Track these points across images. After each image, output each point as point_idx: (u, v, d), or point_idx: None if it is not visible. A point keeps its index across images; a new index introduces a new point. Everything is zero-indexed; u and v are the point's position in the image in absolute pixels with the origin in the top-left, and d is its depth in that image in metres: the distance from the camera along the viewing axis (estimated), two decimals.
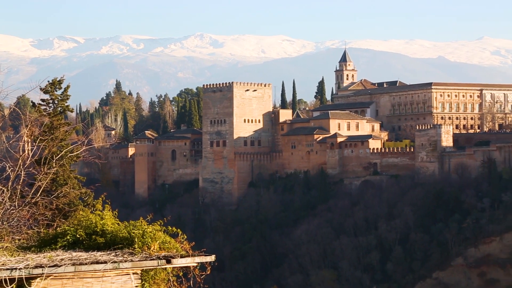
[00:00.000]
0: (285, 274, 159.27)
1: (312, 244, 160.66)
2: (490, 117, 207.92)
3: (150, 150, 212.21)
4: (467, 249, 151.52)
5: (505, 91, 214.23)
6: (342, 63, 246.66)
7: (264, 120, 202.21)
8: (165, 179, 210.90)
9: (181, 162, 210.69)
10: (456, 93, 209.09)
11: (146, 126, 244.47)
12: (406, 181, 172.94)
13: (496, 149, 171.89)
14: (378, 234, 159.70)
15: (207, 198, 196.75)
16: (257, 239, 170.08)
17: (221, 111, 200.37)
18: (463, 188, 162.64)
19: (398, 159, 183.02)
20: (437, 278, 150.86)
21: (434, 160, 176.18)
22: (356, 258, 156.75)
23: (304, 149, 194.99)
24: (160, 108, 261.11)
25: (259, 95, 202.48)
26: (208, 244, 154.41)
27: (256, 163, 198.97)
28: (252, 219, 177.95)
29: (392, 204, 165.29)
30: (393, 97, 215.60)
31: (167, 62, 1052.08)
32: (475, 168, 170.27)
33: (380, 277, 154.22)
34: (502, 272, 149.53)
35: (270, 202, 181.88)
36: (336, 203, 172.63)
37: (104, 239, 17.86)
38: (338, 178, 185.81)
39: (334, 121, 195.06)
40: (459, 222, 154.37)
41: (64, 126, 35.37)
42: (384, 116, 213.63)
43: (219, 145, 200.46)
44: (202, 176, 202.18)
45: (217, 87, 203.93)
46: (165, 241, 17.99)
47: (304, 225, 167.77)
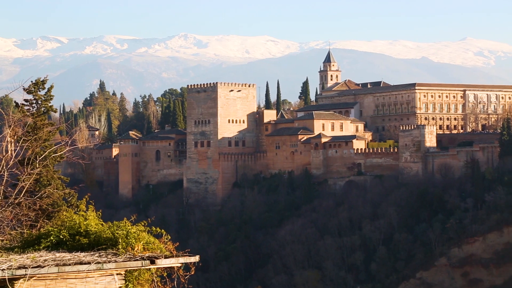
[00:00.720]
0: (269, 274, 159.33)
1: (296, 244, 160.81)
2: (473, 118, 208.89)
3: (134, 150, 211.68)
4: (450, 249, 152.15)
5: (488, 91, 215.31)
6: (326, 64, 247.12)
7: (249, 120, 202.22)
8: (149, 180, 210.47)
9: (165, 162, 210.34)
10: (440, 93, 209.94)
11: (130, 126, 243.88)
12: (390, 182, 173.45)
13: (479, 149, 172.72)
14: (362, 234, 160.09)
15: (191, 198, 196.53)
16: (241, 239, 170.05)
17: (206, 112, 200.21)
18: (447, 188, 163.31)
19: (382, 160, 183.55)
20: (420, 278, 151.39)
21: (417, 160, 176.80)
22: (340, 258, 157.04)
23: (288, 149, 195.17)
24: (144, 108, 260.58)
25: (243, 95, 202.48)
26: (192, 245, 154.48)
27: (240, 163, 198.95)
28: (236, 219, 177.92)
29: (376, 204, 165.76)
30: (377, 97, 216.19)
31: (151, 62, 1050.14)
32: (458, 168, 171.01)
33: (364, 277, 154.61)
34: (485, 272, 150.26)
35: (255, 203, 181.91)
36: (320, 203, 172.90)
37: (88, 239, 17.80)
38: (322, 179, 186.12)
39: (318, 122, 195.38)
40: (442, 222, 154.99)
41: (48, 126, 35.23)
42: (368, 116, 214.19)
43: (204, 146, 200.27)
44: (187, 177, 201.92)
45: (201, 87, 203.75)
46: (149, 242, 17.95)
47: (288, 225, 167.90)
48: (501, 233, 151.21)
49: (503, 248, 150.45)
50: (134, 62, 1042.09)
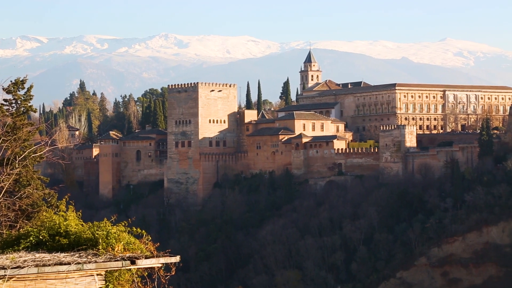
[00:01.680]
0: (250, 274, 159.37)
1: (277, 245, 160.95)
2: (453, 118, 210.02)
3: (115, 150, 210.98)
4: (430, 249, 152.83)
5: (467, 92, 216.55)
6: (307, 64, 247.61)
7: (229, 120, 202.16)
8: (129, 180, 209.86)
9: (146, 162, 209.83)
10: (420, 94, 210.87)
11: (111, 126, 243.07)
12: (371, 182, 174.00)
13: (458, 149, 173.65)
14: (342, 234, 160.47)
15: (172, 198, 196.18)
16: (222, 239, 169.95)
17: (186, 112, 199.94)
18: (427, 188, 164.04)
19: (363, 160, 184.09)
20: (400, 277, 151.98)
21: (398, 160, 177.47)
22: (320, 258, 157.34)
23: (269, 149, 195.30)
24: (125, 108, 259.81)
25: (224, 95, 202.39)
26: (173, 245, 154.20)
27: (221, 163, 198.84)
28: (217, 219, 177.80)
29: (356, 204, 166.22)
30: (358, 97, 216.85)
31: (132, 62, 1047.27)
32: (438, 168, 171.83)
33: (344, 277, 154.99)
34: (464, 271, 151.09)
35: (235, 203, 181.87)
36: (301, 203, 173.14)
37: (68, 240, 17.73)
38: (303, 179, 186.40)
39: (299, 122, 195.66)
40: (422, 222, 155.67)
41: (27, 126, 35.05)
42: (349, 116, 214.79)
43: (184, 146, 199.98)
44: (167, 177, 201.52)
45: (182, 87, 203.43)
46: (130, 242, 17.91)
47: (269, 225, 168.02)
48: (480, 233, 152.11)
49: (482, 248, 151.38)
50: (114, 62, 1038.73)
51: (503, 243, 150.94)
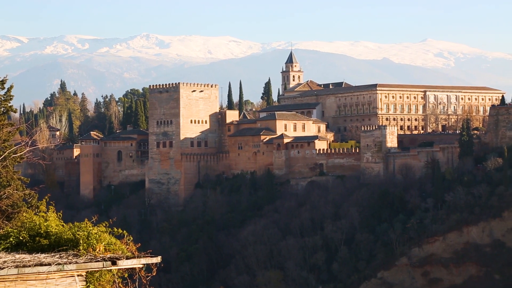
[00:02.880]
0: (231, 274, 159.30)
1: (258, 245, 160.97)
2: (433, 118, 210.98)
3: (96, 151, 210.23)
4: (411, 249, 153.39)
5: (448, 92, 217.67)
6: (288, 64, 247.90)
7: (211, 121, 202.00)
8: (110, 180, 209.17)
9: (127, 163, 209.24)
10: (401, 94, 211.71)
11: (92, 126, 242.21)
12: (352, 182, 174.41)
13: (439, 150, 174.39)
14: (324, 234, 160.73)
15: (154, 199, 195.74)
16: (203, 240, 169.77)
17: (168, 112, 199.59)
18: (407, 188, 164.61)
19: (344, 160, 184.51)
20: (381, 277, 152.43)
21: (379, 160, 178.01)
22: (302, 259, 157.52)
23: (250, 150, 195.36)
24: (106, 108, 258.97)
25: (205, 96, 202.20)
26: (154, 246, 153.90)
27: (202, 164, 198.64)
28: (198, 220, 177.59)
29: (338, 204, 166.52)
30: (339, 98, 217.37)
31: (113, 62, 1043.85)
32: (419, 168, 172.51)
33: (326, 277, 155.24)
34: (445, 271, 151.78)
35: (217, 203, 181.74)
36: (282, 203, 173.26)
37: (48, 241, 17.66)
38: (284, 179, 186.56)
39: (281, 122, 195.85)
40: (403, 222, 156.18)
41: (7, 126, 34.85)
42: (330, 117, 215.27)
43: (166, 146, 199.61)
44: (148, 177, 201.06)
45: (163, 87, 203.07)
46: (111, 243, 17.87)
47: (250, 225, 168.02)
48: (460, 232, 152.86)
49: (462, 247, 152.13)
50: (95, 62, 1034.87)
51: (483, 243, 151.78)
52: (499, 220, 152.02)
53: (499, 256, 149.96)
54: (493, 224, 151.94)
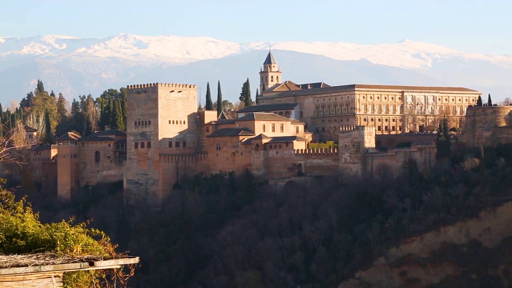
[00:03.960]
0: (209, 275, 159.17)
1: (237, 245, 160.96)
2: (411, 119, 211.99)
3: (73, 151, 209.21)
4: (388, 249, 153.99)
5: (425, 93, 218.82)
6: (266, 65, 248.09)
7: (189, 121, 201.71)
8: (88, 181, 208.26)
9: (105, 163, 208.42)
10: (379, 95, 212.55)
11: (69, 127, 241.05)
12: (330, 182, 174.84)
13: (417, 150, 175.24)
14: (302, 234, 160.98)
15: (132, 199, 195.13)
16: (182, 240, 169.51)
17: (146, 112, 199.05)
18: (385, 188, 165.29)
19: (322, 160, 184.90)
20: (359, 277, 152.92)
21: (357, 161, 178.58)
22: (280, 259, 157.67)
23: (229, 150, 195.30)
24: (84, 109, 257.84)
25: (184, 96, 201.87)
26: (132, 246, 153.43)
27: (181, 164, 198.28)
28: (177, 220, 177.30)
29: (316, 204, 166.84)
30: (317, 98, 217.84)
31: (91, 62, 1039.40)
32: (396, 169, 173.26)
33: (304, 277, 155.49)
34: (422, 271, 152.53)
35: (195, 204, 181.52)
36: (261, 204, 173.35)
37: (25, 242, 17.57)
38: (263, 179, 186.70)
39: (259, 123, 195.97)
40: (381, 222, 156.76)
41: None
42: (308, 117, 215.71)
43: (144, 147, 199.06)
44: (127, 178, 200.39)
45: (141, 88, 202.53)
46: (88, 243, 17.80)
47: (229, 226, 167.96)
48: (438, 232, 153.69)
49: (440, 247, 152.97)
50: (73, 62, 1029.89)
51: (460, 243, 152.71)
52: (476, 220, 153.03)
53: (475, 256, 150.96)
54: (470, 224, 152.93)
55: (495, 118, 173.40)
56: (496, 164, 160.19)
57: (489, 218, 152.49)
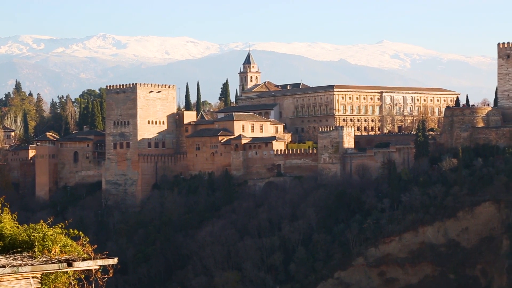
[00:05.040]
0: (189, 276, 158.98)
1: (216, 246, 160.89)
2: (389, 119, 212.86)
3: (52, 152, 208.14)
4: (367, 249, 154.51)
5: (404, 93, 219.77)
6: (246, 65, 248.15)
7: (168, 121, 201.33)
8: (67, 181, 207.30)
9: (84, 164, 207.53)
10: (357, 95, 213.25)
11: (47, 127, 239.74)
12: (309, 182, 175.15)
13: (395, 150, 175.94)
14: (281, 235, 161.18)
15: (110, 200, 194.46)
16: (161, 241, 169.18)
17: (125, 113, 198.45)
18: (364, 189, 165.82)
19: (301, 161, 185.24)
20: (338, 277, 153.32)
21: (336, 161, 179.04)
22: (259, 259, 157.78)
23: (208, 150, 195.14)
24: (62, 109, 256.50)
25: (163, 96, 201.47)
26: (111, 247, 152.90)
27: (160, 164, 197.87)
28: (156, 221, 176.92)
29: (295, 205, 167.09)
30: (296, 99, 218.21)
31: (69, 62, 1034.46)
32: (375, 169, 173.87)
33: (283, 277, 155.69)
34: (401, 271, 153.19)
35: (174, 204, 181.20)
36: (240, 204, 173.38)
37: (3, 242, 17.48)
38: (242, 180, 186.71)
39: (239, 123, 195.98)
40: (360, 222, 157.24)
41: None
42: (288, 118, 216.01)
43: (123, 147, 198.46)
44: (105, 178, 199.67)
45: (120, 88, 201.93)
46: (66, 244, 17.73)
47: (208, 226, 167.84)
48: (416, 232, 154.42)
49: (418, 247, 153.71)
50: (51, 62, 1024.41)
51: (438, 243, 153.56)
52: (454, 220, 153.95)
53: (453, 256, 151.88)
54: (448, 224, 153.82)
55: (473, 119, 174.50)
56: (474, 165, 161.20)
57: (467, 218, 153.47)
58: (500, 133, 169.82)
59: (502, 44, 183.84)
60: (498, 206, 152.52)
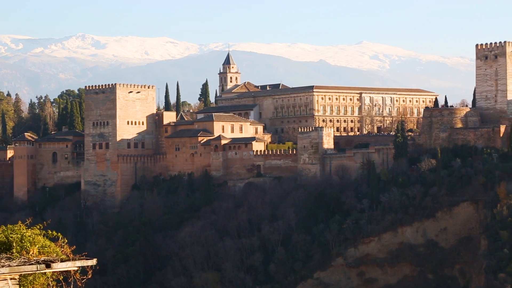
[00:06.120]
0: (168, 276, 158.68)
1: (196, 246, 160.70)
2: (369, 120, 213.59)
3: (30, 152, 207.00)
4: (347, 249, 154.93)
5: (383, 94, 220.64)
6: (225, 66, 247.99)
7: (148, 122, 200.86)
8: (45, 182, 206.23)
9: (63, 164, 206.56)
10: (337, 96, 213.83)
11: (26, 128, 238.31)
12: (289, 183, 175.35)
13: (374, 151, 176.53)
14: (261, 235, 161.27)
15: (89, 201, 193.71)
16: (140, 242, 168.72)
17: (104, 113, 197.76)
18: (344, 189, 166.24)
19: (281, 161, 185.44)
20: (318, 278, 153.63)
21: (315, 162, 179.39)
22: (239, 260, 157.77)
23: (188, 151, 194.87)
24: (41, 109, 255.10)
25: (142, 97, 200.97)
26: (90, 248, 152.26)
27: (139, 165, 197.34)
28: (135, 222, 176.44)
29: (275, 205, 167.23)
30: (276, 99, 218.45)
31: (48, 62, 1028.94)
32: (355, 170, 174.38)
33: (263, 278, 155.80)
34: (380, 271, 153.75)
35: (154, 205, 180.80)
36: (220, 205, 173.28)
37: None
38: (222, 180, 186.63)
39: (218, 124, 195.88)
40: (339, 223, 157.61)
41: None
42: (267, 118, 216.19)
43: (102, 147, 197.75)
44: (84, 179, 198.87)
45: (99, 88, 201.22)
46: (45, 245, 17.67)
47: (188, 227, 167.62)
48: (395, 233, 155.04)
49: (397, 247, 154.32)
50: (29, 63, 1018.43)
51: (417, 243, 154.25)
52: (433, 221, 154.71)
53: (432, 256, 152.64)
54: (427, 225, 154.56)
55: (452, 119, 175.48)
56: (452, 165, 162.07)
57: (446, 219, 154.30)
58: (478, 133, 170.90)
59: (480, 45, 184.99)
60: (476, 206, 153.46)
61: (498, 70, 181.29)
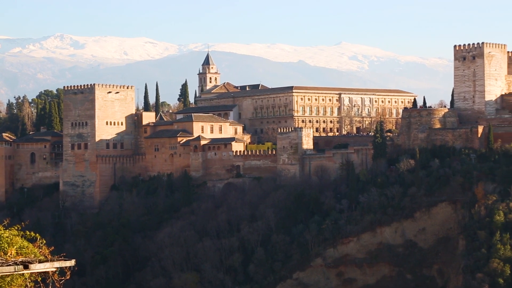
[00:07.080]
0: (147, 277, 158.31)
1: (175, 247, 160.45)
2: (348, 121, 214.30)
3: (8, 153, 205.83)
4: (326, 250, 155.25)
5: (362, 95, 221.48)
6: (205, 66, 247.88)
7: (127, 122, 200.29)
8: (23, 183, 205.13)
9: (41, 165, 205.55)
10: (316, 97, 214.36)
11: (4, 128, 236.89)
12: (268, 184, 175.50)
13: (354, 151, 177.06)
14: (240, 236, 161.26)
15: (68, 201, 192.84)
16: (119, 242, 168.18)
17: (83, 113, 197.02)
18: (323, 190, 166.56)
19: (261, 162, 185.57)
20: (297, 278, 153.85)
21: (295, 162, 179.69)
22: (218, 260, 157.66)
23: (167, 151, 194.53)
24: (19, 110, 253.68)
25: (121, 97, 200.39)
26: (68, 249, 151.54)
27: (118, 166, 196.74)
28: (114, 222, 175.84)
29: (254, 206, 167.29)
30: (255, 100, 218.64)
31: (26, 63, 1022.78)
32: (334, 170, 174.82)
33: (242, 278, 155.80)
34: (359, 271, 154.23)
35: (133, 205, 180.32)
36: (199, 205, 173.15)
37: None
38: (201, 181, 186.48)
39: (198, 124, 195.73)
40: (318, 223, 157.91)
41: None
42: (247, 119, 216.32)
43: (81, 148, 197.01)
44: (63, 180, 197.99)
45: (78, 89, 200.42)
46: (23, 246, 17.60)
47: (167, 228, 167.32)
48: (374, 233, 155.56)
49: (376, 248, 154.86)
50: (7, 63, 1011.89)
51: (396, 243, 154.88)
52: (411, 221, 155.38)
53: (411, 256, 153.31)
54: (406, 225, 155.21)
55: (430, 120, 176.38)
56: (431, 166, 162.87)
57: (424, 219, 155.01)
58: (456, 134, 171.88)
59: (459, 46, 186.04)
60: (454, 206, 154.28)
61: (476, 71, 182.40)
